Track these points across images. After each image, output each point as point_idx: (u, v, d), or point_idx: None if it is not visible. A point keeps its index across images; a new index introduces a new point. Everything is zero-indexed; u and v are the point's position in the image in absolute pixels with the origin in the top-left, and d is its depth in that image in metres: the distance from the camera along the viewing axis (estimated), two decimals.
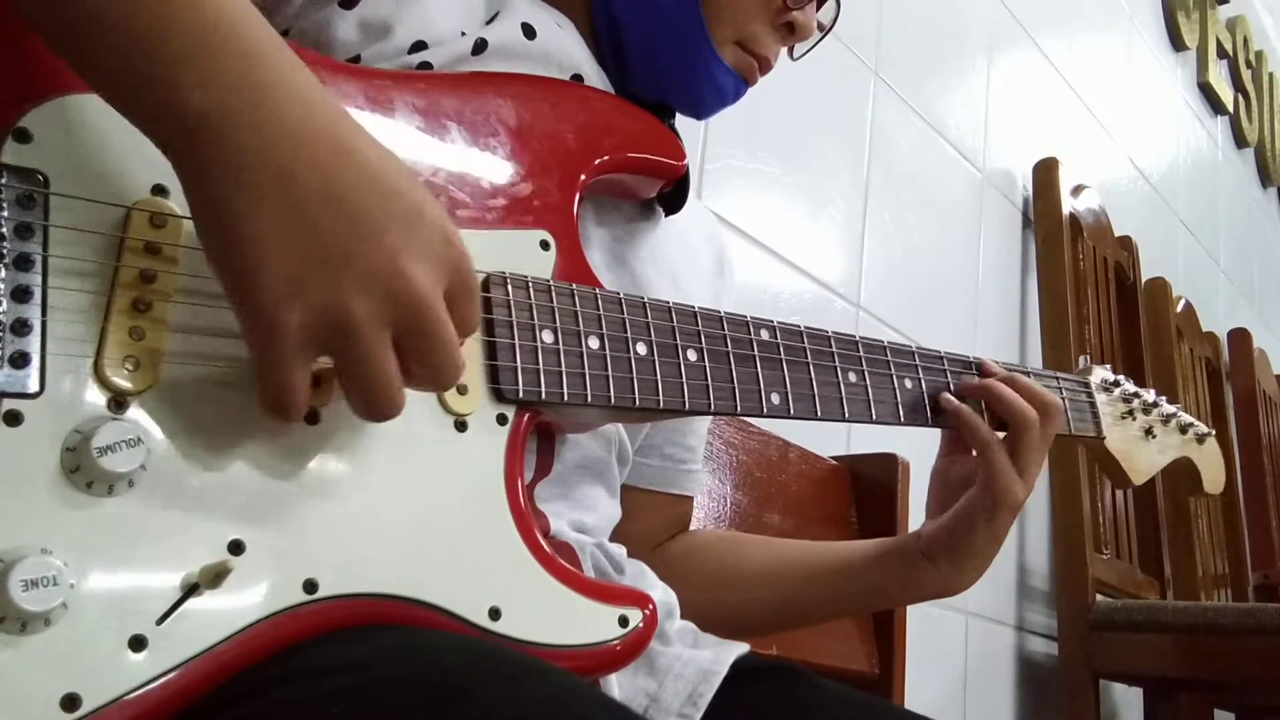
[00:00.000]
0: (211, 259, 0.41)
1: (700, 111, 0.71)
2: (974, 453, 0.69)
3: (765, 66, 0.70)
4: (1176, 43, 2.61)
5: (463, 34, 0.62)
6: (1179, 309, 2.19)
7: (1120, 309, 2.01)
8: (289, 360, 0.40)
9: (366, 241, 0.41)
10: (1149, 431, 0.83)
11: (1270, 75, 3.08)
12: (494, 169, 0.56)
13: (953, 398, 0.69)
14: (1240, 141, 2.93)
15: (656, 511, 0.77)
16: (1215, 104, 2.79)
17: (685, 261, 0.72)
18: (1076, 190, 1.95)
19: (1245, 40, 2.94)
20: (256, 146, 0.40)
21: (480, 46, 0.61)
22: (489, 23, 0.63)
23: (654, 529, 0.77)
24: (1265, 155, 3.04)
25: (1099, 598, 1.69)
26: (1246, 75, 2.92)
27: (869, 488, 1.19)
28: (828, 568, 0.74)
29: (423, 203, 0.43)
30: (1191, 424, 0.86)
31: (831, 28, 0.74)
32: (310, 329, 0.40)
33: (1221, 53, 2.80)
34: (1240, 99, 2.90)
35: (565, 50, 0.66)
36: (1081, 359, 0.85)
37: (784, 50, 0.73)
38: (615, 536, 0.69)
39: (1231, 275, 2.81)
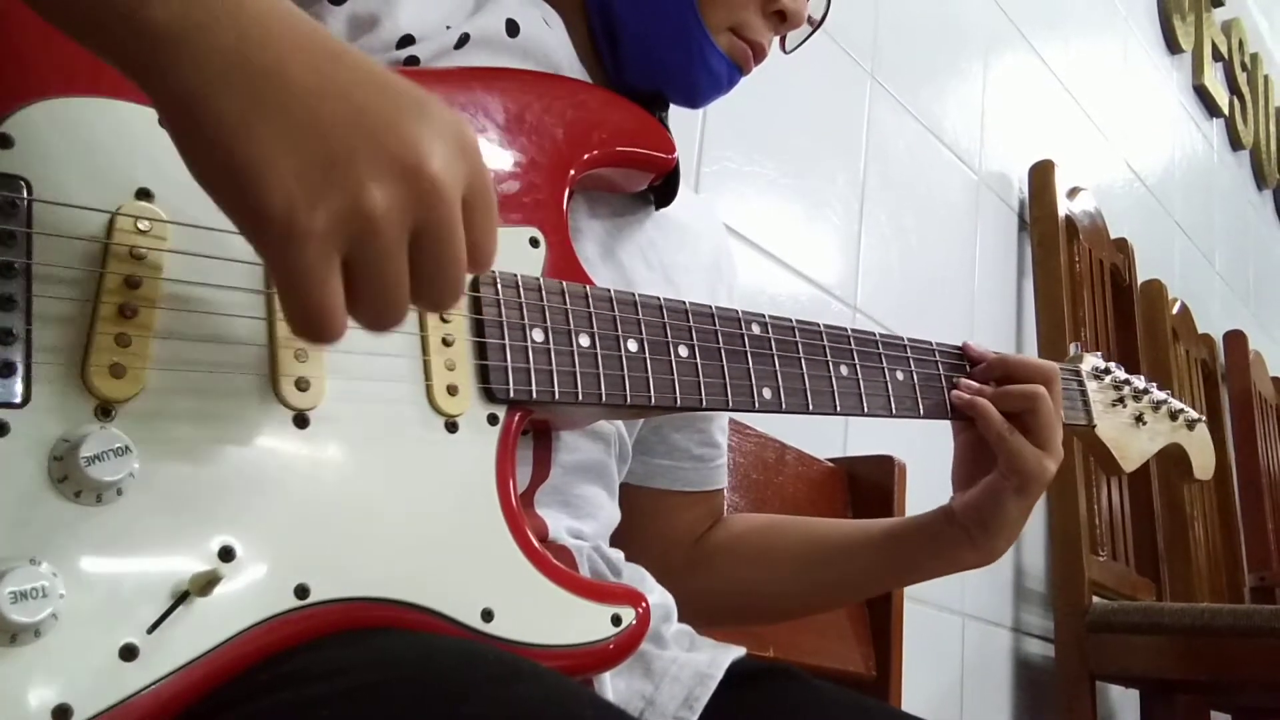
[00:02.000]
0: (203, 180, 0.37)
1: (696, 100, 0.71)
2: (989, 442, 0.69)
3: (759, 54, 0.70)
4: (1172, 45, 2.61)
5: (448, 28, 0.61)
6: (1175, 311, 2.19)
7: (1116, 311, 2.02)
8: (316, 269, 0.36)
9: (380, 132, 0.37)
10: (1139, 418, 0.82)
11: (1265, 78, 3.09)
12: None
13: (964, 394, 0.70)
14: (1235, 144, 2.94)
15: (693, 509, 0.78)
16: (1210, 106, 2.79)
17: (680, 254, 0.72)
18: (1072, 193, 1.95)
19: (1240, 43, 2.94)
20: (236, 53, 0.36)
21: (462, 41, 0.61)
22: (473, 15, 0.63)
23: (694, 524, 0.78)
24: (1260, 157, 3.04)
25: (1095, 599, 1.69)
26: (1242, 78, 2.93)
27: (865, 489, 1.19)
28: (862, 549, 0.75)
29: (429, 99, 0.40)
30: (1182, 410, 0.86)
31: (822, 22, 0.74)
32: (332, 233, 0.36)
33: (1217, 55, 2.81)
34: (1235, 101, 2.91)
35: (547, 48, 0.66)
36: (1073, 346, 0.85)
37: (777, 44, 0.73)
38: (641, 538, 0.70)
39: (1227, 277, 2.81)
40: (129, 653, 0.40)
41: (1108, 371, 0.82)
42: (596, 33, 0.69)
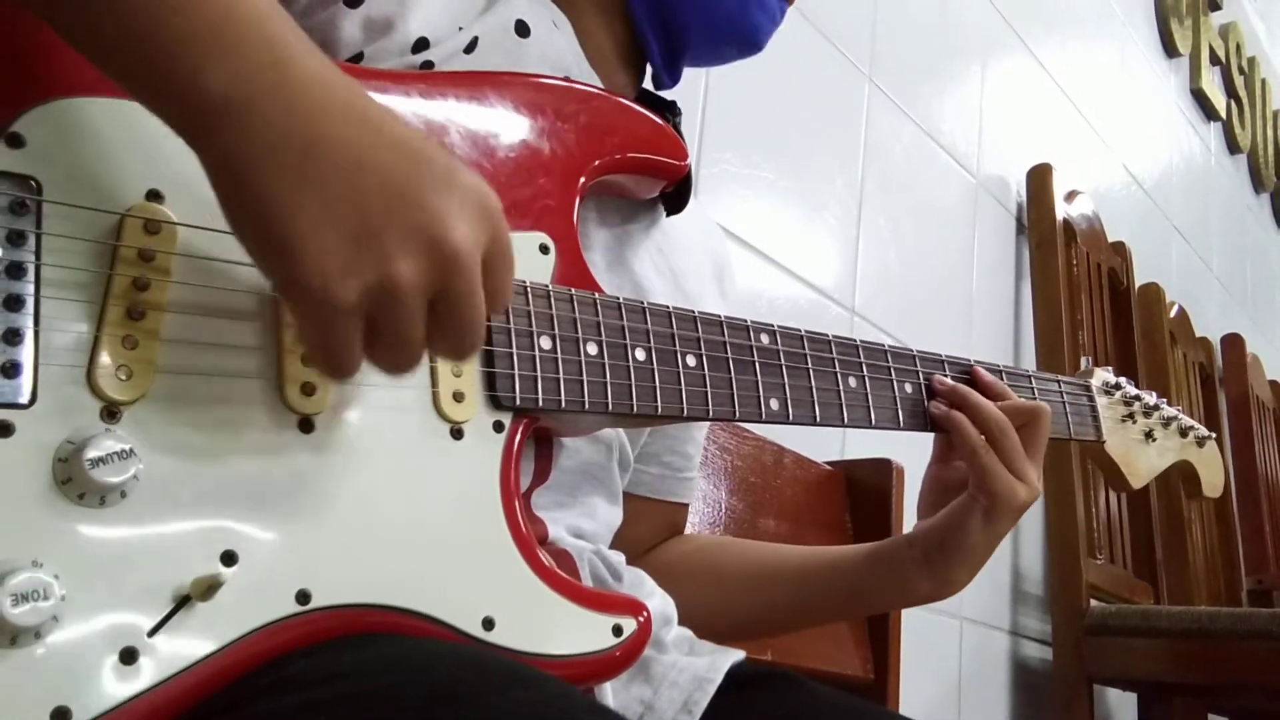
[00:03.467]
0: (246, 243, 0.41)
1: (759, 39, 0.73)
2: (964, 458, 0.68)
3: None
4: (1169, 49, 2.62)
5: (460, 29, 0.62)
6: (1172, 314, 2.20)
7: (1114, 314, 2.02)
8: (343, 333, 0.40)
9: (409, 207, 0.40)
10: (1149, 435, 0.82)
11: (1262, 81, 3.10)
12: (493, 170, 0.56)
13: (941, 404, 0.69)
14: (1233, 147, 2.94)
15: (652, 518, 0.77)
16: (1208, 110, 2.80)
17: (686, 260, 0.72)
18: (1070, 196, 1.95)
19: (1238, 47, 2.95)
20: (281, 126, 0.39)
21: (472, 44, 0.62)
22: (482, 15, 0.63)
23: (647, 535, 0.77)
24: (1257, 161, 3.05)
25: (1093, 602, 1.69)
26: (1239, 81, 2.94)
27: (864, 492, 1.19)
28: (814, 573, 0.74)
29: (456, 166, 0.43)
30: (1192, 427, 0.86)
31: None
32: (362, 300, 0.40)
33: (1214, 59, 2.82)
34: (1233, 105, 2.91)
35: (557, 50, 0.66)
36: (1084, 360, 0.85)
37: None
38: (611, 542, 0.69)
39: (1224, 281, 2.82)
40: (129, 656, 0.40)
41: (1118, 387, 0.82)
42: (640, 14, 0.69)
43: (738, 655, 0.67)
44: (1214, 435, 0.89)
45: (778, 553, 0.78)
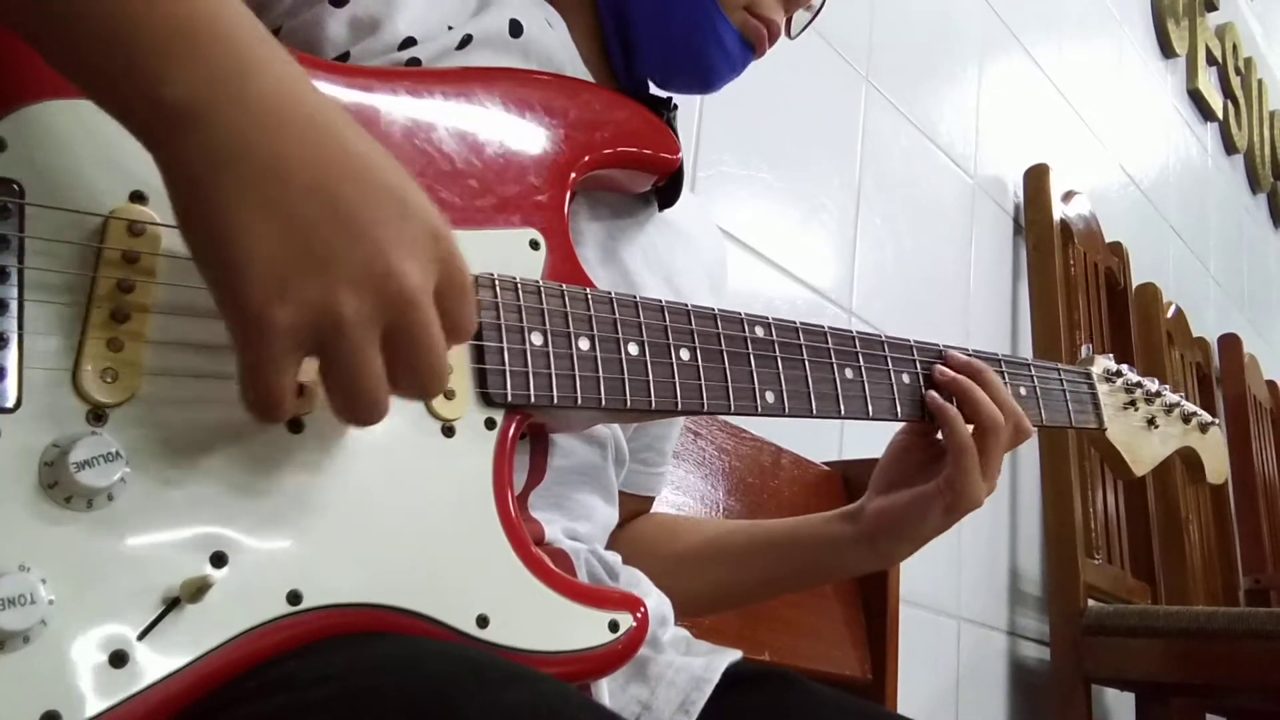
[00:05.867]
0: (195, 255, 0.40)
1: (710, 82, 0.71)
2: (947, 451, 0.68)
3: (774, 32, 0.71)
4: (1166, 50, 2.62)
5: (450, 28, 0.61)
6: (1169, 315, 2.20)
7: (1111, 315, 2.02)
8: (277, 361, 0.39)
9: (355, 238, 0.40)
10: (1151, 421, 0.82)
11: (1259, 82, 3.10)
12: (482, 167, 0.56)
13: (938, 396, 0.69)
14: (1230, 148, 2.95)
15: (620, 508, 0.77)
16: (1205, 111, 2.80)
17: (681, 257, 0.72)
18: (1067, 196, 1.95)
19: (1234, 47, 2.95)
20: (241, 139, 0.38)
21: (465, 41, 0.61)
22: (476, 15, 0.63)
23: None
24: (1254, 161, 3.05)
25: (1091, 602, 1.69)
26: (1235, 82, 2.94)
27: (861, 492, 1.18)
28: (763, 547, 0.75)
29: (410, 196, 0.42)
30: (1195, 413, 0.86)
31: (821, 8, 0.74)
32: (299, 329, 0.39)
33: (1211, 60, 2.82)
34: (1229, 106, 2.92)
35: (550, 49, 0.66)
36: (1084, 348, 0.84)
37: (780, 42, 0.74)
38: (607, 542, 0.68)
39: (1221, 281, 2.82)
40: (119, 659, 0.39)
41: (1119, 374, 0.81)
42: (606, 24, 0.69)
43: (735, 655, 0.66)
44: (1217, 421, 0.89)
45: (725, 530, 0.78)
